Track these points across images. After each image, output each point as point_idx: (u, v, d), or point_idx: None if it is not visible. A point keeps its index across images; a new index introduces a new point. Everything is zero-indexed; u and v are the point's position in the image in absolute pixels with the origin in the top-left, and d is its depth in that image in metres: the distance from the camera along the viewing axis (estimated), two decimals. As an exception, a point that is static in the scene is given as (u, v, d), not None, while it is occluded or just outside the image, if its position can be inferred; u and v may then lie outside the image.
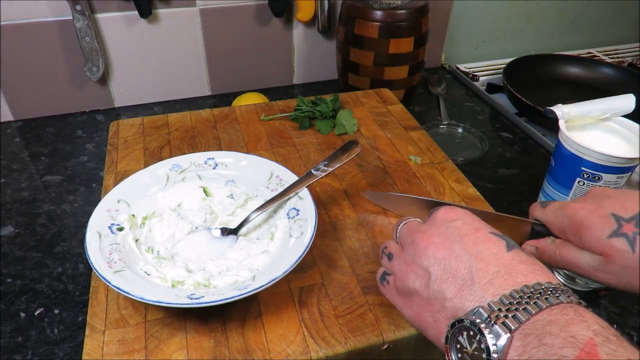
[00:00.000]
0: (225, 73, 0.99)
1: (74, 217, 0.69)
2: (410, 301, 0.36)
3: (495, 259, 0.33)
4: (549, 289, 0.30)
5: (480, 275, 0.32)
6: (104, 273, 0.43)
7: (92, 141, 0.86)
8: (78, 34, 0.83)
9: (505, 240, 0.34)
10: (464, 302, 0.32)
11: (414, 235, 0.37)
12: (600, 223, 0.40)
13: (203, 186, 0.57)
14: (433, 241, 0.35)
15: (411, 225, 0.39)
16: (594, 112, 0.61)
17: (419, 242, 0.36)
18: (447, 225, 0.36)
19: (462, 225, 0.35)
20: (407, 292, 0.36)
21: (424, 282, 0.34)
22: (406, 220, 0.40)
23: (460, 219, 0.36)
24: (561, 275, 0.58)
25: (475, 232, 0.35)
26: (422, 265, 0.35)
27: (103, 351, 0.43)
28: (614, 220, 0.39)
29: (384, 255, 0.40)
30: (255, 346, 0.43)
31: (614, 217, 0.40)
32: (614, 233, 0.39)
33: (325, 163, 0.55)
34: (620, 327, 0.55)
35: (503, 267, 0.32)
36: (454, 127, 0.89)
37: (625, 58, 1.21)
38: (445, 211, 0.37)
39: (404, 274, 0.36)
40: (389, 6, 0.83)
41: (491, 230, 0.35)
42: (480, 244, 0.34)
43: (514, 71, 0.98)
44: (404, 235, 0.39)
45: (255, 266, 0.47)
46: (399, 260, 0.38)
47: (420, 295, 0.34)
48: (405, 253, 0.37)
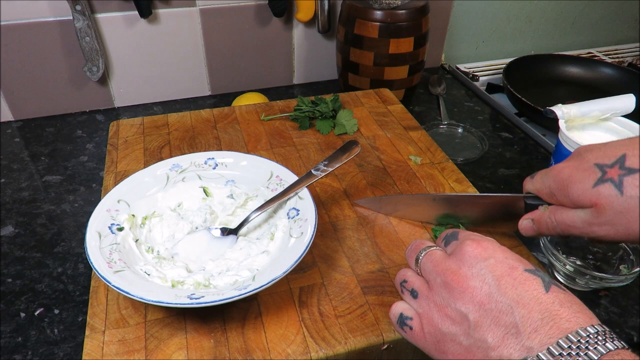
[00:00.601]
0: (225, 73, 0.99)
1: (74, 217, 0.69)
2: (442, 347, 0.33)
3: (536, 303, 0.31)
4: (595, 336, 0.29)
5: (524, 322, 0.30)
6: (104, 273, 0.43)
7: (92, 141, 0.86)
8: (78, 34, 0.83)
9: (540, 278, 0.32)
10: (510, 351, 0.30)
11: (445, 276, 0.34)
12: (584, 175, 0.39)
13: (203, 186, 0.57)
14: (469, 285, 0.32)
15: (436, 259, 0.36)
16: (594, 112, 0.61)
17: (452, 285, 0.33)
18: (480, 266, 0.33)
19: (497, 265, 0.33)
20: (441, 339, 0.33)
21: (463, 329, 0.32)
22: (427, 250, 0.37)
23: (492, 257, 0.33)
24: (561, 276, 0.59)
25: (511, 272, 0.32)
26: (459, 311, 0.32)
27: (103, 351, 0.43)
28: (597, 169, 0.39)
29: (405, 290, 0.37)
30: (255, 346, 0.43)
31: (597, 167, 0.39)
32: (599, 181, 0.38)
33: (325, 163, 0.55)
34: (620, 327, 0.55)
35: (546, 313, 0.30)
36: (454, 127, 0.89)
37: (625, 58, 1.21)
38: (474, 247, 0.34)
39: (437, 318, 0.33)
40: (389, 6, 0.83)
41: (525, 266, 0.33)
42: (519, 286, 0.31)
43: (514, 71, 0.98)
44: (429, 271, 0.35)
45: (255, 266, 0.47)
46: (427, 301, 0.34)
47: (459, 343, 0.32)
48: (435, 294, 0.34)
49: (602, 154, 0.40)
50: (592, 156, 0.40)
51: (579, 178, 0.40)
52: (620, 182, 0.37)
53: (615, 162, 0.38)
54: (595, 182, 0.38)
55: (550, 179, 0.43)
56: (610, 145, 0.40)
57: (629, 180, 0.37)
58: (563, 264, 0.56)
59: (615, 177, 0.38)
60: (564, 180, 0.41)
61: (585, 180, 0.39)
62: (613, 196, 0.37)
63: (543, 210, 0.44)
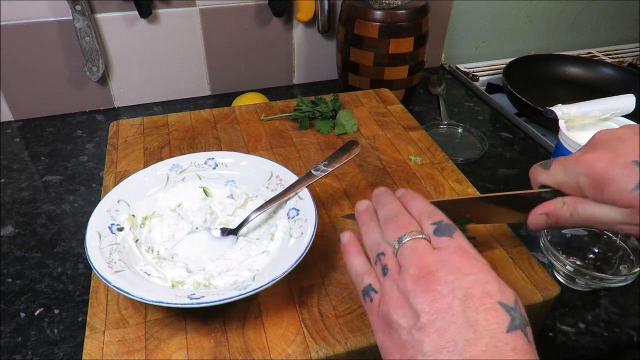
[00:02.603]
0: (225, 73, 0.99)
1: (74, 217, 0.69)
2: (387, 331, 0.33)
3: (489, 335, 0.29)
4: None
5: (465, 346, 0.29)
6: (104, 273, 0.43)
7: (92, 141, 0.86)
8: (78, 34, 0.83)
9: (510, 317, 0.30)
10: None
11: (420, 270, 0.32)
12: (623, 174, 0.37)
13: (203, 186, 0.57)
14: (436, 288, 0.31)
15: (419, 251, 0.34)
16: (594, 112, 0.61)
17: (421, 281, 0.32)
18: (457, 277, 0.31)
19: (474, 284, 0.31)
20: (387, 323, 0.33)
21: (408, 324, 0.31)
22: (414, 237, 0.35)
23: (474, 275, 0.31)
24: (561, 276, 0.59)
25: (483, 297, 0.30)
26: (414, 307, 0.31)
27: (103, 351, 0.43)
28: (637, 167, 0.36)
29: (379, 262, 0.36)
30: (255, 346, 0.43)
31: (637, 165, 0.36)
32: None
33: (325, 163, 0.55)
34: (620, 327, 0.55)
35: (492, 349, 0.29)
36: (454, 127, 0.89)
37: (625, 58, 1.21)
38: (461, 259, 0.32)
39: (393, 303, 0.33)
40: (389, 6, 0.83)
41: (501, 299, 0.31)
42: (483, 312, 0.30)
43: (514, 71, 0.98)
44: (406, 257, 0.34)
45: (255, 266, 0.47)
46: (392, 283, 0.33)
47: (399, 334, 0.31)
48: (401, 281, 0.33)
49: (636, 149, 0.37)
50: (627, 150, 0.37)
51: (616, 176, 0.37)
52: None
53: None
54: (636, 185, 0.36)
55: (578, 173, 0.39)
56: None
57: None
58: (563, 264, 0.56)
59: None
60: (599, 176, 0.38)
61: (625, 180, 0.37)
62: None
63: (561, 205, 0.41)
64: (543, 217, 0.43)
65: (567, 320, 0.56)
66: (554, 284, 0.49)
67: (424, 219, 0.36)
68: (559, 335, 0.54)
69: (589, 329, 0.55)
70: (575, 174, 0.40)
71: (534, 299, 0.47)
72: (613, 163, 0.37)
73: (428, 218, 0.36)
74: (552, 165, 0.42)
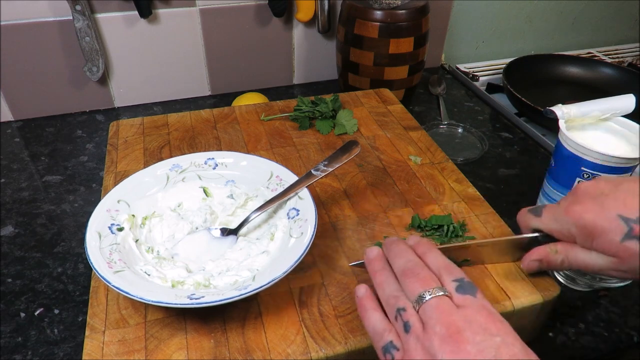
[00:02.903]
0: (225, 73, 0.99)
1: (74, 217, 0.69)
2: None
3: None
4: None
5: None
6: (104, 273, 0.43)
7: (92, 141, 0.86)
8: (78, 34, 0.83)
9: None
10: None
11: (447, 329, 0.33)
12: (610, 227, 0.40)
13: (203, 186, 0.57)
14: (465, 348, 0.31)
15: (444, 309, 0.34)
16: (594, 112, 0.61)
17: (449, 340, 0.32)
18: (485, 338, 0.32)
19: (501, 346, 0.32)
20: None
21: None
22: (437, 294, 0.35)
23: (500, 337, 0.32)
24: (561, 276, 0.59)
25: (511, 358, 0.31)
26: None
27: (103, 351, 0.43)
28: (623, 223, 0.40)
29: (399, 319, 0.35)
30: (255, 346, 0.43)
31: (622, 220, 0.40)
32: (626, 236, 0.40)
33: (325, 163, 0.55)
34: (620, 327, 0.55)
35: None
36: (454, 127, 0.89)
37: (625, 58, 1.21)
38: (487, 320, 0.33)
39: None
40: (389, 6, 0.83)
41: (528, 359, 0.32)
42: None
43: (514, 71, 0.98)
44: (431, 316, 0.34)
45: (255, 266, 0.48)
46: (416, 341, 0.33)
47: None
48: (427, 339, 0.33)
49: (622, 203, 0.40)
50: (612, 204, 0.41)
51: (605, 229, 0.40)
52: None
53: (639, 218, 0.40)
54: (623, 238, 0.40)
55: (569, 222, 0.43)
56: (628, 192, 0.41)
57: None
58: (563, 264, 0.56)
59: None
60: (588, 228, 0.41)
61: (612, 233, 0.40)
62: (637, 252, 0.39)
63: (554, 253, 0.45)
64: (536, 262, 0.46)
65: (567, 320, 0.56)
66: (554, 284, 0.49)
67: (444, 274, 0.37)
68: (559, 335, 0.54)
69: (589, 329, 0.55)
70: (566, 223, 0.43)
71: (534, 299, 0.47)
72: (601, 215, 0.41)
73: (449, 274, 0.37)
74: (543, 213, 0.46)
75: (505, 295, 0.47)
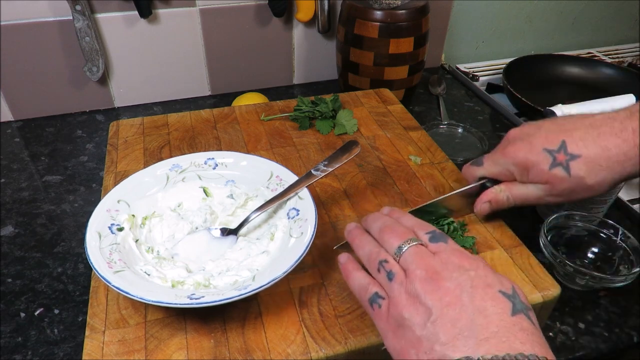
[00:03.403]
0: (225, 73, 0.99)
1: (74, 217, 0.69)
2: (399, 333, 0.35)
3: (498, 319, 0.32)
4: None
5: (479, 330, 0.32)
6: (104, 273, 0.43)
7: (92, 141, 0.86)
8: (78, 34, 0.83)
9: (512, 303, 0.33)
10: (455, 350, 0.31)
11: (427, 271, 0.35)
12: (539, 159, 0.48)
13: (203, 186, 0.57)
14: (444, 285, 0.34)
15: (422, 255, 0.37)
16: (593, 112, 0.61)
17: (429, 281, 0.35)
18: (460, 272, 0.35)
19: (475, 278, 0.34)
20: (399, 324, 0.35)
21: (422, 319, 0.33)
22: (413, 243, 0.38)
23: (474, 270, 0.35)
24: (561, 276, 0.59)
25: (486, 287, 0.34)
26: (426, 304, 0.34)
27: (103, 351, 0.43)
28: (548, 154, 0.47)
29: (382, 270, 0.38)
30: (255, 346, 0.43)
31: (547, 152, 0.47)
32: (552, 165, 0.47)
33: (325, 163, 0.55)
34: (620, 327, 0.55)
35: (503, 329, 0.32)
36: (454, 127, 0.89)
37: (625, 58, 1.21)
38: (460, 258, 0.36)
39: (403, 304, 0.35)
40: (389, 6, 0.83)
41: (501, 288, 0.34)
42: (489, 300, 0.33)
43: (514, 71, 0.98)
44: (411, 262, 0.36)
45: (255, 266, 0.48)
46: (400, 286, 0.36)
47: (413, 331, 0.34)
48: (410, 283, 0.35)
49: (545, 139, 0.48)
50: (538, 141, 0.48)
51: (535, 161, 0.48)
52: (568, 166, 0.47)
53: (559, 147, 0.47)
54: (550, 166, 0.47)
55: (507, 162, 0.51)
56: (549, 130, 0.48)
57: (573, 164, 0.46)
58: (563, 264, 0.56)
59: (564, 162, 0.47)
60: (522, 163, 0.49)
61: (541, 163, 0.48)
62: (564, 177, 0.47)
63: (499, 192, 0.52)
64: (487, 204, 0.54)
65: (567, 320, 0.56)
66: (554, 284, 0.49)
67: (417, 230, 0.40)
68: (559, 335, 0.54)
69: (589, 329, 0.55)
70: (504, 164, 0.51)
71: (534, 299, 0.47)
72: (530, 151, 0.48)
73: (422, 229, 0.40)
74: (483, 161, 0.54)
75: (505, 295, 0.47)
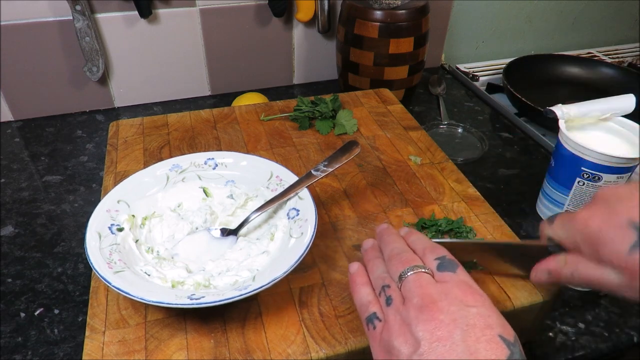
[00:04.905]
0: (225, 73, 0.99)
1: (74, 217, 0.69)
2: (386, 357, 0.34)
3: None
4: None
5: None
6: (104, 274, 0.43)
7: (92, 141, 0.86)
8: (78, 34, 0.83)
9: (510, 351, 0.31)
10: None
11: (423, 299, 0.34)
12: (617, 235, 0.34)
13: (203, 186, 0.57)
14: (438, 317, 0.32)
15: (422, 283, 0.35)
16: (594, 112, 0.61)
17: (423, 310, 0.33)
18: (460, 307, 0.33)
19: (476, 316, 0.32)
20: (388, 350, 0.34)
21: (409, 351, 0.32)
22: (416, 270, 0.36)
23: (476, 308, 0.33)
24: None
25: (485, 329, 0.31)
26: (415, 335, 0.32)
27: (103, 352, 0.43)
28: (632, 229, 0.34)
29: (383, 294, 0.37)
30: (255, 346, 0.43)
31: (633, 227, 0.34)
32: (634, 246, 0.33)
33: (325, 163, 0.55)
34: (620, 327, 0.55)
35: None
36: (454, 127, 0.89)
37: (625, 58, 1.21)
38: (465, 292, 0.34)
39: (395, 331, 0.34)
40: (389, 6, 0.83)
41: (502, 333, 0.31)
42: (484, 343, 0.31)
43: (514, 71, 0.98)
44: (410, 290, 0.35)
45: (255, 266, 0.48)
46: (395, 313, 0.35)
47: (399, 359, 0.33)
48: (405, 310, 0.34)
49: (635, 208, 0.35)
50: (624, 209, 0.35)
51: (611, 237, 0.35)
52: None
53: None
54: (632, 247, 0.33)
55: (575, 230, 0.38)
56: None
57: None
58: (563, 264, 0.56)
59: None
60: (593, 236, 0.36)
61: (619, 241, 0.34)
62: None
63: (562, 264, 0.39)
64: (544, 274, 0.41)
65: (567, 320, 0.56)
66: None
67: (427, 253, 0.38)
68: (559, 335, 0.54)
69: (589, 329, 0.55)
70: (572, 230, 0.38)
71: (534, 299, 0.47)
72: (608, 222, 0.35)
73: (431, 253, 0.38)
74: (555, 220, 0.40)
75: (506, 295, 0.47)
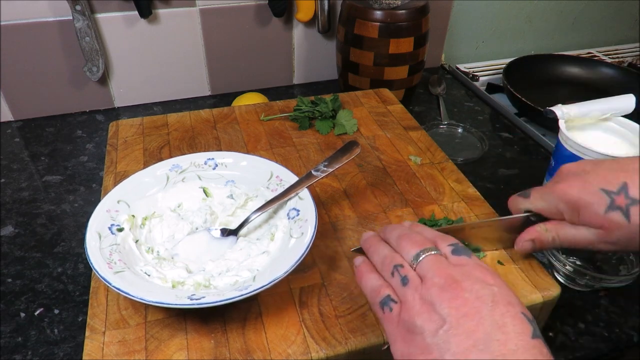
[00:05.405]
0: (225, 73, 0.99)
1: (74, 217, 0.69)
2: (408, 338, 0.33)
3: (518, 338, 0.30)
4: None
5: (496, 346, 0.30)
6: (104, 274, 0.43)
7: (92, 141, 0.86)
8: (78, 34, 0.83)
9: (533, 327, 0.32)
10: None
11: (445, 279, 0.34)
12: (594, 200, 0.42)
13: (203, 186, 0.57)
14: (463, 295, 0.32)
15: (440, 264, 0.35)
16: (594, 112, 0.61)
17: (447, 289, 0.33)
18: (483, 286, 0.33)
19: (498, 294, 0.33)
20: (410, 330, 0.33)
21: (434, 327, 0.32)
22: (432, 252, 0.36)
23: (497, 287, 0.33)
24: (561, 276, 0.59)
25: (508, 305, 0.32)
26: (440, 312, 0.32)
27: (103, 352, 0.43)
28: (605, 195, 0.42)
29: (397, 274, 0.36)
30: (255, 347, 0.43)
31: (604, 192, 0.42)
32: (609, 207, 0.42)
33: (325, 164, 0.55)
34: (620, 327, 0.55)
35: (522, 349, 0.30)
36: (454, 127, 0.89)
37: (625, 58, 1.21)
38: (483, 272, 0.34)
39: (416, 310, 0.33)
40: (389, 6, 0.83)
41: (523, 310, 0.33)
42: (510, 318, 0.31)
43: (514, 71, 0.98)
44: (429, 269, 0.35)
45: (255, 267, 0.48)
46: (414, 292, 0.34)
47: (423, 338, 0.32)
48: (425, 290, 0.34)
49: (603, 178, 0.42)
50: (594, 179, 0.43)
51: (589, 201, 0.42)
52: (627, 211, 0.41)
53: (620, 189, 0.41)
54: (606, 209, 0.42)
55: (556, 199, 0.45)
56: (609, 169, 0.43)
57: (634, 210, 0.41)
58: (563, 264, 0.56)
59: (623, 206, 0.41)
60: (574, 202, 0.43)
61: (597, 205, 0.42)
62: (622, 223, 0.41)
63: (545, 231, 0.46)
64: (529, 242, 0.48)
65: (567, 320, 0.56)
66: (554, 284, 0.49)
67: (439, 241, 0.38)
68: (559, 335, 0.54)
69: (589, 329, 0.55)
70: (553, 200, 0.45)
71: (534, 299, 0.47)
72: (584, 190, 0.43)
73: (444, 241, 0.38)
74: (531, 194, 0.48)
75: (506, 296, 0.47)
